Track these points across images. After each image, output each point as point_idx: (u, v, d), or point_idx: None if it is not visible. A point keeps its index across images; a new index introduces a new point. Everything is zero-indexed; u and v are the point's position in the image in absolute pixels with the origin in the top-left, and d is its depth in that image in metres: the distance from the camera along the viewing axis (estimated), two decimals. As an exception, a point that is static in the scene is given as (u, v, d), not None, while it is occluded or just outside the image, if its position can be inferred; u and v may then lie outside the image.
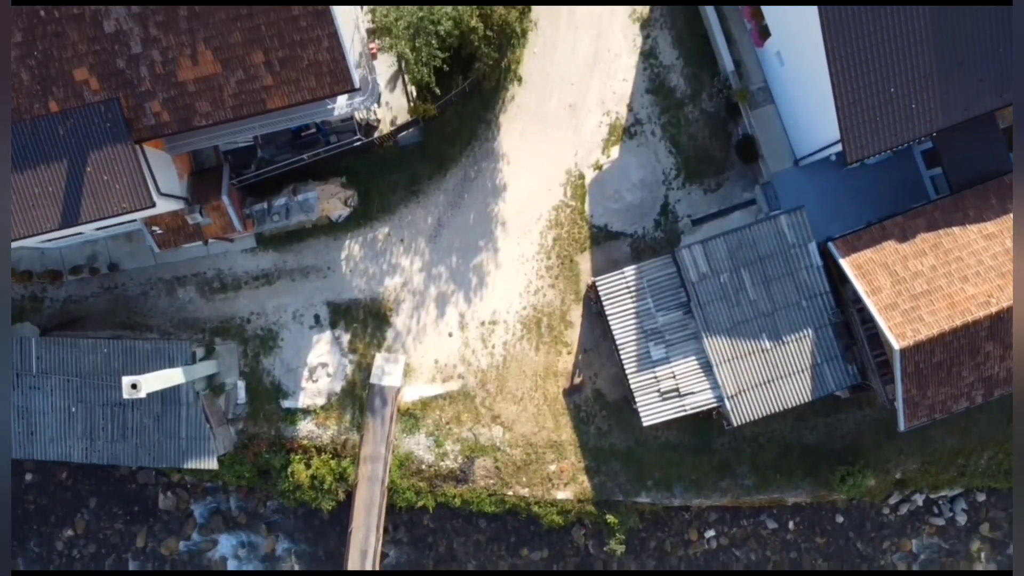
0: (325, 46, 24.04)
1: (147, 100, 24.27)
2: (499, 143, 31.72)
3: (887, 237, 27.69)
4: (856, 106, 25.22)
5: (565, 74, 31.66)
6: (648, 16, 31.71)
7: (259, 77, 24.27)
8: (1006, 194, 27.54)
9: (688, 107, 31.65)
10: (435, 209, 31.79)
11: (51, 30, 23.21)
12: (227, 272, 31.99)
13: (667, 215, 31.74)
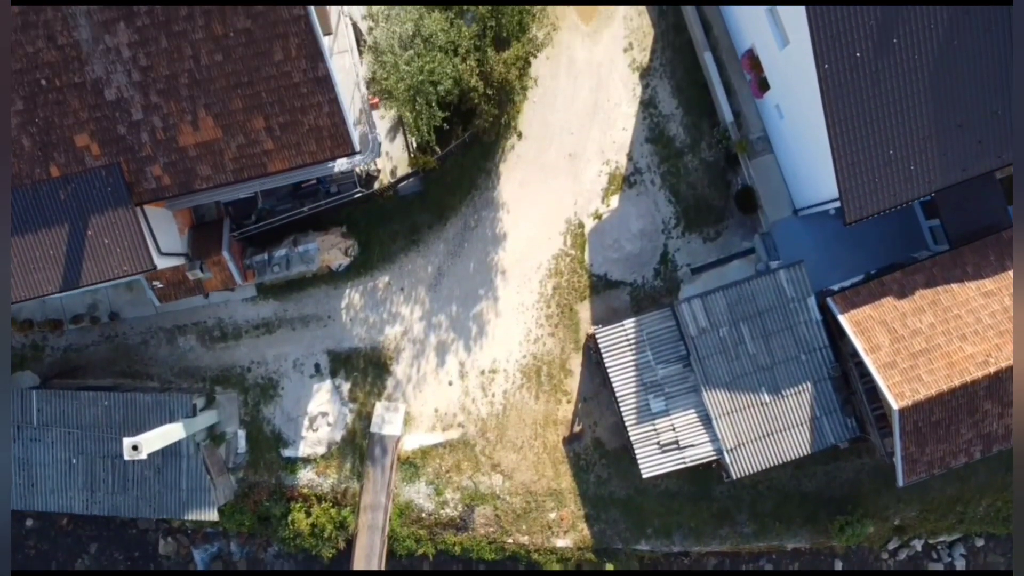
0: (326, 111, 24.09)
1: (148, 164, 24.33)
2: (499, 192, 31.80)
3: (886, 293, 27.77)
4: (855, 168, 25.27)
5: (565, 123, 31.73)
6: (648, 65, 31.79)
7: (260, 142, 24.33)
8: (1004, 250, 27.62)
9: (688, 156, 31.73)
10: (435, 258, 31.87)
11: (52, 98, 23.26)
12: (228, 321, 32.06)
13: (667, 264, 31.81)
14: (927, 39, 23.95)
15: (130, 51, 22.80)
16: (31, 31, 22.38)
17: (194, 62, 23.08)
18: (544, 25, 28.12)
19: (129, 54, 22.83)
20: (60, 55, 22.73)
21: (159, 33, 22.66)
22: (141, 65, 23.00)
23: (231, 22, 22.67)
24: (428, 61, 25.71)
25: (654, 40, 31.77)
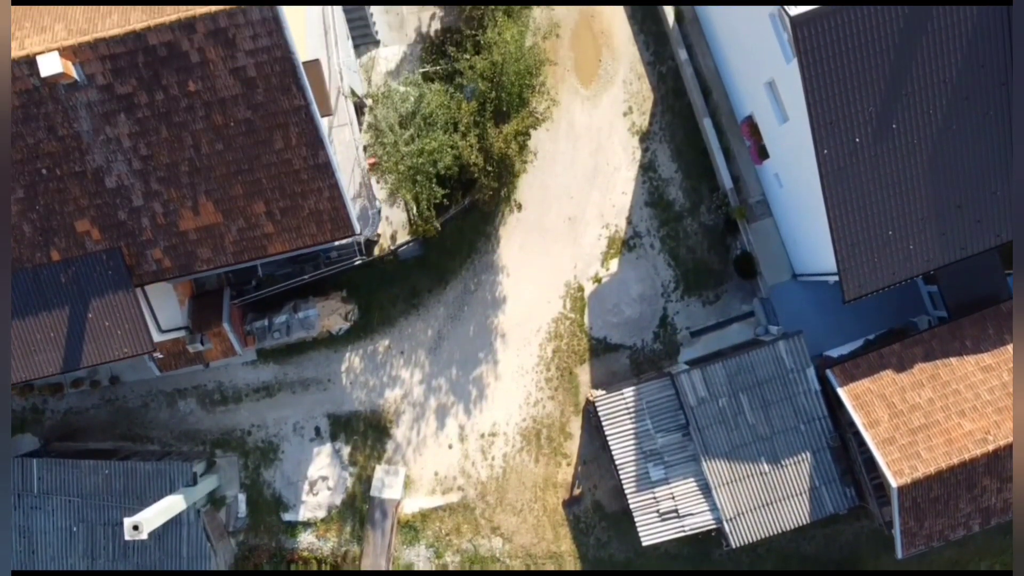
0: (326, 196, 24.14)
1: (149, 248, 24.37)
2: (499, 256, 31.85)
3: (885, 366, 27.84)
4: (854, 248, 25.32)
5: (564, 187, 31.79)
6: (647, 129, 31.84)
7: (260, 225, 24.38)
8: (1003, 324, 27.69)
9: (687, 220, 31.79)
10: (435, 321, 31.92)
11: (53, 186, 23.30)
12: (228, 384, 32.09)
13: (666, 327, 31.88)
14: (926, 124, 24.02)
15: (130, 141, 22.84)
16: (31, 123, 22.42)
17: (194, 151, 23.13)
18: (544, 99, 28.11)
19: (130, 144, 22.87)
20: (61, 146, 22.76)
21: (159, 124, 22.69)
22: (142, 154, 23.04)
23: (231, 113, 22.71)
24: (428, 142, 25.76)
25: (654, 104, 31.82)
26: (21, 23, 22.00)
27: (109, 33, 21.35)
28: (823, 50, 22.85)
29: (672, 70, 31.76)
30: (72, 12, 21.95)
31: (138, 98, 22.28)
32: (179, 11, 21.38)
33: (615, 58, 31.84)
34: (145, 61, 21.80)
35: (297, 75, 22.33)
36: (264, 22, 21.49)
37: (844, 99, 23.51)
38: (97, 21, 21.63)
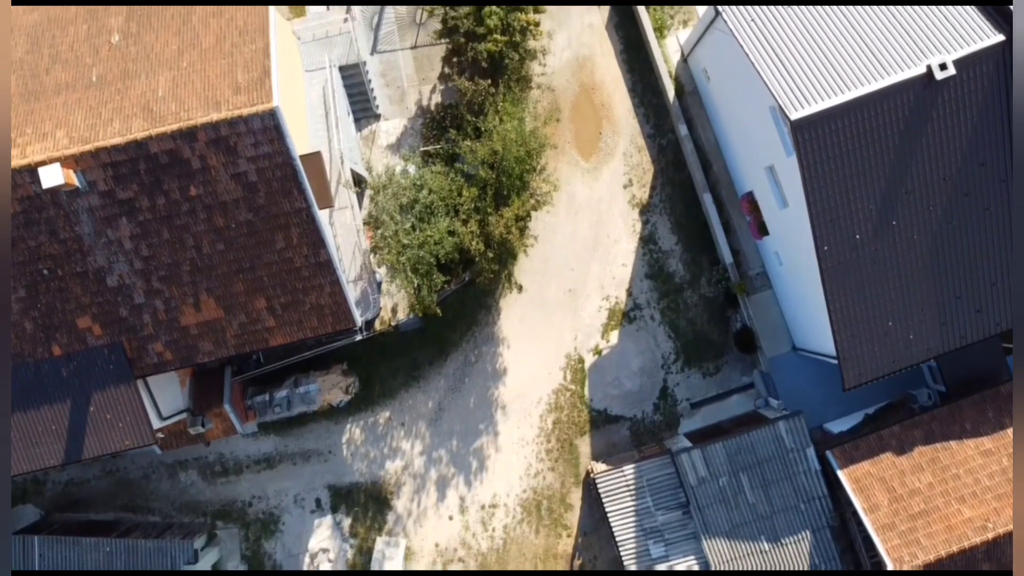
0: (327, 292, 24.21)
1: (150, 342, 24.41)
2: (499, 327, 31.89)
3: (884, 448, 27.89)
4: (855, 339, 25.40)
5: (565, 259, 31.82)
6: (648, 202, 31.89)
7: (261, 320, 24.43)
8: (1003, 407, 27.74)
9: (687, 292, 31.84)
10: (436, 393, 31.96)
11: (54, 286, 23.34)
12: (229, 456, 32.13)
13: (666, 398, 31.92)
14: (926, 220, 24.10)
15: (132, 243, 22.88)
16: (33, 227, 22.45)
17: (196, 251, 23.17)
18: (546, 183, 28.12)
19: (131, 245, 22.91)
20: (62, 248, 22.80)
21: (161, 226, 22.74)
22: (143, 255, 23.09)
23: (233, 215, 22.76)
24: (431, 233, 25.81)
25: (654, 177, 31.87)
26: (22, 128, 22.03)
27: (111, 142, 21.39)
28: (824, 151, 22.93)
29: (672, 143, 31.80)
30: (73, 118, 21.98)
31: (139, 202, 22.33)
32: (180, 120, 21.40)
33: (615, 131, 31.88)
34: (147, 168, 21.85)
35: (298, 179, 22.37)
36: (265, 130, 21.53)
37: (845, 197, 23.59)
38: (99, 128, 21.66)
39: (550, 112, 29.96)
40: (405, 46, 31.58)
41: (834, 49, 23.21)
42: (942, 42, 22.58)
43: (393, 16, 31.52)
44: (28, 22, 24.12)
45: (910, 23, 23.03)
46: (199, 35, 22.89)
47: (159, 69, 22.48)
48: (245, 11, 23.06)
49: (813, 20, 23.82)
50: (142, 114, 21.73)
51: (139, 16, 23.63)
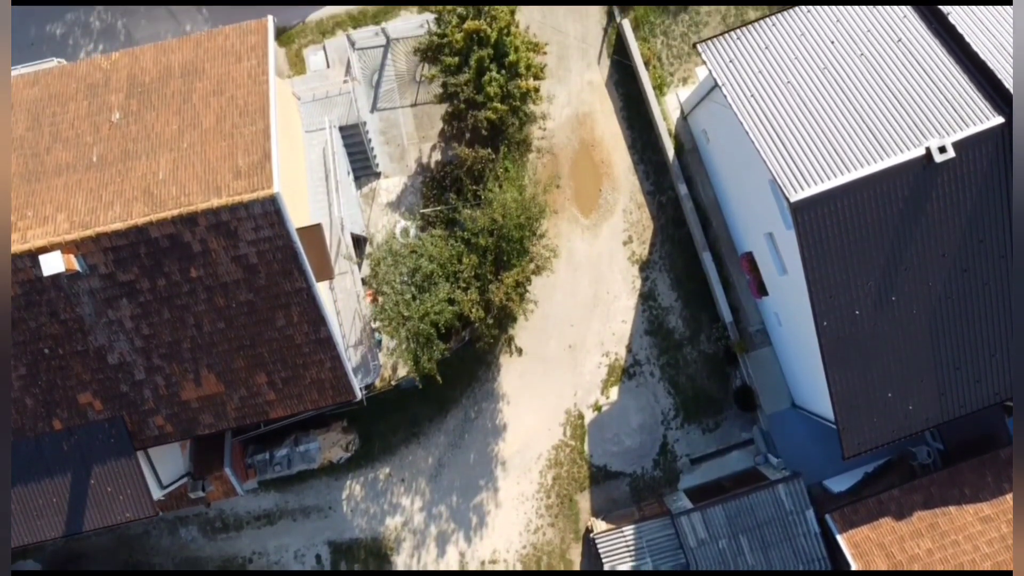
0: (328, 367, 24.23)
1: (151, 416, 24.43)
2: (499, 384, 31.93)
3: (884, 512, 27.93)
4: (854, 410, 25.44)
5: (564, 316, 31.86)
6: (647, 258, 31.92)
7: (262, 393, 24.45)
8: (1001, 471, 27.80)
9: (687, 348, 31.88)
10: (436, 449, 32.00)
11: (55, 364, 23.36)
12: (229, 512, 32.17)
13: (666, 454, 31.97)
14: (925, 295, 24.12)
15: (132, 322, 22.90)
16: (34, 309, 22.47)
17: (196, 330, 23.19)
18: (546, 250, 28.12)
19: (132, 325, 22.94)
20: (63, 328, 22.82)
21: (161, 307, 22.76)
22: (144, 334, 23.10)
23: (233, 295, 22.78)
24: (432, 303, 25.84)
25: (653, 233, 31.90)
26: (23, 211, 22.05)
27: (112, 227, 21.41)
28: (824, 231, 22.94)
29: (672, 200, 31.84)
30: (74, 201, 22.00)
31: (140, 284, 22.35)
32: (181, 205, 21.43)
33: (615, 188, 31.92)
34: (147, 251, 21.87)
35: (299, 261, 22.39)
36: (266, 215, 21.55)
37: (844, 275, 23.61)
38: (99, 212, 21.69)
39: (550, 178, 29.99)
40: (405, 104, 31.61)
41: (833, 127, 23.22)
42: (942, 122, 22.59)
43: (393, 74, 31.54)
44: (28, 97, 24.13)
45: (910, 102, 23.06)
46: (200, 114, 22.91)
47: (160, 150, 22.50)
48: (246, 90, 23.08)
49: (813, 97, 23.85)
50: (143, 198, 21.74)
51: (140, 93, 23.66)
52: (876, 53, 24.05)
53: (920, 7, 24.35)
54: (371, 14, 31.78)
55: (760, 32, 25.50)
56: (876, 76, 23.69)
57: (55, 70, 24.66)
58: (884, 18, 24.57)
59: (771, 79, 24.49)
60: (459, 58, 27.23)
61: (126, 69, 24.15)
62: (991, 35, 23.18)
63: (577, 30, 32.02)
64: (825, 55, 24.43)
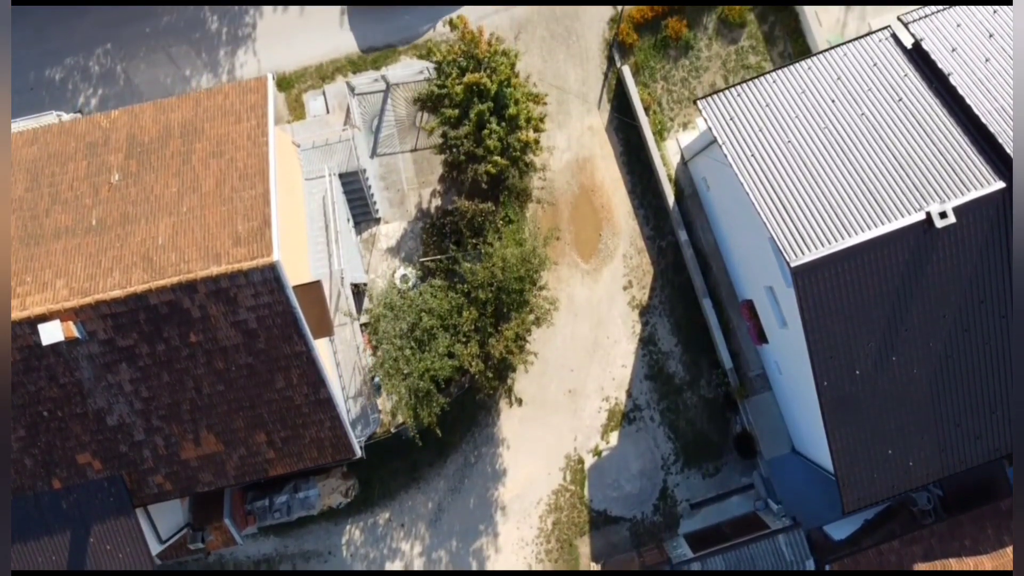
0: (327, 426, 24.22)
1: (150, 475, 24.40)
2: (499, 428, 31.90)
3: (884, 564, 27.85)
4: (854, 467, 25.41)
5: (564, 360, 31.83)
6: (647, 303, 31.89)
7: (262, 452, 24.43)
8: (1002, 524, 27.70)
9: (687, 393, 31.85)
10: (435, 494, 31.97)
11: (54, 426, 23.32)
12: (228, 557, 32.13)
13: (666, 499, 31.93)
14: (926, 355, 24.09)
15: (132, 386, 22.86)
16: (33, 374, 22.43)
17: (196, 392, 23.16)
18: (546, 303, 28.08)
19: (131, 388, 22.90)
20: (62, 392, 22.78)
21: (161, 370, 22.72)
22: (143, 396, 23.07)
23: (233, 359, 22.74)
24: (432, 360, 25.82)
25: (653, 278, 31.87)
26: (22, 277, 22.00)
27: (111, 295, 21.37)
28: (824, 294, 22.90)
29: (672, 244, 31.81)
30: (73, 266, 21.95)
31: (139, 349, 22.31)
32: (180, 273, 21.38)
33: (615, 232, 31.88)
34: (146, 317, 21.83)
35: (299, 326, 22.36)
36: (265, 282, 21.51)
37: (845, 336, 23.58)
38: (99, 279, 21.64)
39: (550, 230, 29.94)
40: (405, 149, 31.57)
41: (834, 189, 23.18)
42: (942, 185, 22.55)
43: (393, 119, 31.50)
44: (28, 156, 24.08)
45: (910, 164, 23.01)
46: (199, 177, 22.87)
47: (159, 213, 22.46)
48: (245, 152, 23.03)
49: (813, 157, 23.80)
50: (142, 264, 21.70)
51: (139, 154, 23.61)
52: (877, 112, 24.02)
53: (921, 67, 24.32)
54: (371, 59, 31.75)
55: (760, 89, 25.46)
56: (877, 136, 23.65)
57: (54, 128, 24.60)
58: (885, 77, 24.53)
59: (771, 138, 24.45)
60: (459, 110, 27.18)
61: (125, 128, 24.09)
62: (991, 96, 23.15)
63: (577, 75, 31.99)
64: (826, 114, 24.40)
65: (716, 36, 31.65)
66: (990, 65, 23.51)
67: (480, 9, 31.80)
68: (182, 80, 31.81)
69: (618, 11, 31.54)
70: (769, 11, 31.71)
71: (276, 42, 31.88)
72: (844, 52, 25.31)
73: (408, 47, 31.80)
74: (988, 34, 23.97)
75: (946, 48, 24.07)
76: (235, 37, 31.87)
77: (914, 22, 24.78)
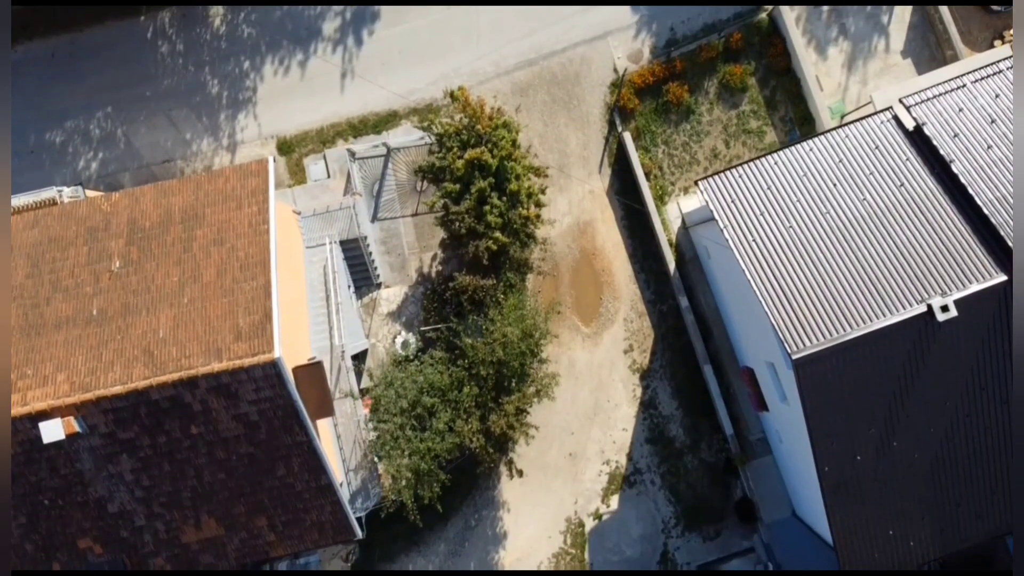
0: (328, 510, 24.23)
1: (151, 558, 24.37)
2: (499, 491, 31.89)
3: (884, 633, 27.93)
4: (856, 547, 25.41)
5: (565, 423, 31.83)
6: (648, 367, 31.89)
7: (262, 535, 24.43)
8: (1002, 595, 27.83)
9: (688, 457, 31.84)
10: (436, 558, 31.94)
11: (55, 514, 23.30)
12: (229, 620, 32.14)
13: (667, 562, 31.92)
14: (927, 440, 24.09)
15: (133, 475, 22.86)
16: (34, 465, 22.42)
17: (197, 480, 23.15)
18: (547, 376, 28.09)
19: (132, 477, 22.89)
20: (63, 481, 22.77)
21: (162, 460, 22.71)
22: (144, 485, 23.06)
23: (234, 448, 22.74)
24: (434, 441, 25.83)
25: (654, 342, 31.87)
26: (23, 370, 21.99)
27: (112, 391, 21.37)
28: (825, 384, 22.91)
29: (673, 308, 31.81)
30: (74, 359, 21.95)
31: (140, 441, 22.31)
32: (181, 368, 21.38)
33: (616, 297, 31.88)
34: (148, 411, 21.84)
35: (299, 417, 22.38)
36: (266, 377, 21.51)
37: (845, 424, 23.58)
38: (100, 374, 21.63)
39: (551, 304, 29.95)
40: (406, 213, 31.56)
41: (836, 278, 23.14)
42: (944, 277, 22.53)
43: (394, 184, 31.49)
44: (28, 240, 24.06)
45: (912, 254, 22.99)
46: (200, 266, 22.85)
47: (160, 304, 22.45)
48: (247, 240, 23.02)
49: (815, 243, 23.77)
50: (143, 358, 21.69)
51: (140, 240, 23.60)
52: (879, 198, 24.00)
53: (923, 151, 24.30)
54: (372, 124, 31.72)
55: (761, 170, 25.43)
56: (879, 223, 23.62)
57: (55, 210, 24.56)
58: (887, 160, 24.52)
59: (773, 222, 24.42)
60: (460, 184, 27.17)
61: (126, 212, 24.07)
62: (993, 185, 23.14)
63: (579, 139, 31.99)
64: (827, 198, 24.38)
65: (717, 101, 31.65)
66: (992, 152, 23.49)
67: (480, 73, 31.80)
68: (183, 143, 31.78)
69: (619, 76, 31.52)
70: (770, 76, 31.70)
71: (277, 106, 31.84)
72: (846, 133, 25.30)
73: (409, 111, 31.77)
74: (990, 120, 23.96)
75: (948, 134, 24.06)
76: (236, 100, 31.84)
77: (916, 105, 24.77)
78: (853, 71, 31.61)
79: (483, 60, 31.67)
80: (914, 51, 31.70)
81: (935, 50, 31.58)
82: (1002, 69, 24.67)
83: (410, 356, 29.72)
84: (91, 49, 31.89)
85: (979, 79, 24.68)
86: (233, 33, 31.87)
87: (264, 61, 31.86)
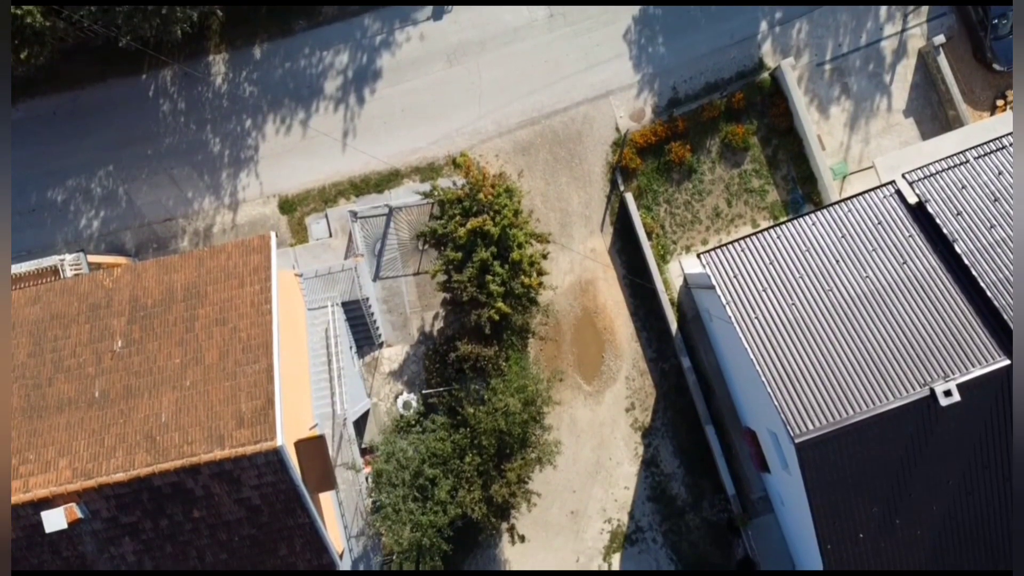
0: (330, 587, 24.17)
1: (152, 634, 24.36)
2: (501, 550, 31.85)
3: None
4: (857, 614, 25.48)
5: (567, 481, 31.81)
6: (650, 425, 31.88)
7: (264, 613, 24.36)
8: (1004, 662, 27.76)
9: (689, 515, 31.83)
10: (437, 615, 31.94)
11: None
12: None
13: (668, 621, 31.97)
14: (929, 518, 24.10)
15: (135, 557, 22.83)
16: (35, 548, 22.38)
17: (199, 561, 23.12)
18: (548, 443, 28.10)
19: (134, 559, 22.86)
20: (65, 563, 22.72)
21: (164, 543, 22.68)
22: (147, 567, 23.02)
23: (236, 531, 22.71)
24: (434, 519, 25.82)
25: (656, 401, 31.86)
26: (24, 455, 21.96)
27: (114, 478, 21.34)
28: (828, 465, 22.92)
29: (675, 367, 31.80)
30: (76, 444, 21.92)
31: (142, 525, 22.27)
32: (183, 456, 21.36)
33: (618, 355, 31.87)
34: (150, 497, 21.80)
35: (302, 501, 22.34)
36: (268, 464, 21.49)
37: (848, 503, 23.60)
38: (102, 460, 21.61)
39: (553, 372, 29.96)
40: (407, 272, 31.54)
41: (838, 359, 23.14)
42: (947, 360, 22.53)
43: (396, 242, 31.48)
44: (29, 317, 24.03)
45: (914, 335, 23.00)
46: (202, 347, 22.82)
47: (162, 387, 22.43)
48: (249, 321, 23.00)
49: (817, 322, 23.77)
50: (145, 443, 21.67)
51: (142, 318, 23.57)
52: (881, 276, 23.99)
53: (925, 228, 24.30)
54: (373, 183, 31.71)
55: (764, 244, 25.40)
56: (881, 302, 23.61)
57: (56, 286, 24.54)
58: (889, 237, 24.51)
59: (775, 300, 24.40)
60: (462, 252, 27.15)
61: (128, 289, 24.05)
62: (996, 266, 23.13)
63: (580, 197, 31.98)
64: (830, 275, 24.36)
65: (719, 160, 31.64)
66: (995, 232, 23.49)
67: (482, 132, 31.78)
68: (184, 202, 31.76)
69: (621, 135, 31.51)
70: (772, 135, 31.69)
71: (278, 164, 31.83)
72: (849, 207, 25.29)
73: (411, 170, 31.75)
74: (993, 198, 23.96)
75: (951, 212, 24.05)
76: (237, 159, 31.84)
77: (919, 181, 24.75)
78: (855, 130, 31.61)
79: (485, 119, 31.66)
80: (916, 110, 31.70)
81: (937, 109, 31.58)
82: (1005, 145, 24.64)
83: (411, 421, 29.72)
84: (93, 107, 31.86)
85: (982, 155, 24.66)
86: (234, 91, 31.86)
87: (266, 119, 31.87)
